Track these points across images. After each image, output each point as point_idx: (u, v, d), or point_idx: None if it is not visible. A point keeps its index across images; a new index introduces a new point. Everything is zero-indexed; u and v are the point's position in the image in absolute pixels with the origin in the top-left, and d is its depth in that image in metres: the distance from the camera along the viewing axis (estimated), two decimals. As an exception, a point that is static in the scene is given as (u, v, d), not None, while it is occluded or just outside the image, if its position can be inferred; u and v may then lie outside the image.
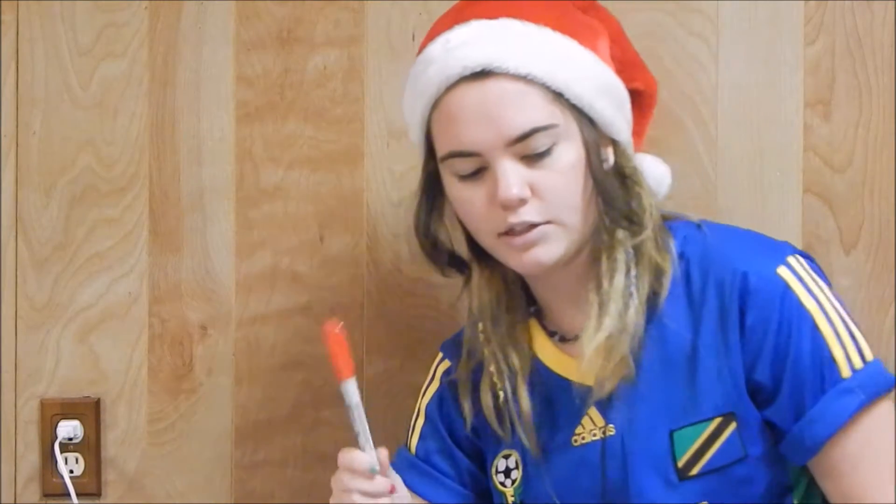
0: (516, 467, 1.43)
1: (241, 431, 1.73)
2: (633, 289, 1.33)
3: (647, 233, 1.33)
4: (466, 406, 1.44)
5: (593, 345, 1.31)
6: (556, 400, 1.39)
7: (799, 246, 1.65)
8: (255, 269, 1.72)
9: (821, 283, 1.34)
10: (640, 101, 1.44)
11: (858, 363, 1.31)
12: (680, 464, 1.33)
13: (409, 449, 1.50)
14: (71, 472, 1.71)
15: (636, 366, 1.33)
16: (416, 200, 1.39)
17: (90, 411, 1.72)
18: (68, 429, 1.70)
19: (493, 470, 1.45)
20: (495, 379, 1.40)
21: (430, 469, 1.47)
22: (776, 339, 1.30)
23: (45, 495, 1.73)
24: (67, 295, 1.72)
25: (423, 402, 1.50)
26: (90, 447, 1.72)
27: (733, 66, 1.66)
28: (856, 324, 1.34)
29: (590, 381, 1.34)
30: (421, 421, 1.50)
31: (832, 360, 1.30)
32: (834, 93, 1.65)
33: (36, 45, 1.71)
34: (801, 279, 1.32)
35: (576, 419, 1.37)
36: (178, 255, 1.72)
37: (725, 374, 1.32)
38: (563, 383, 1.38)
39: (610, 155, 1.36)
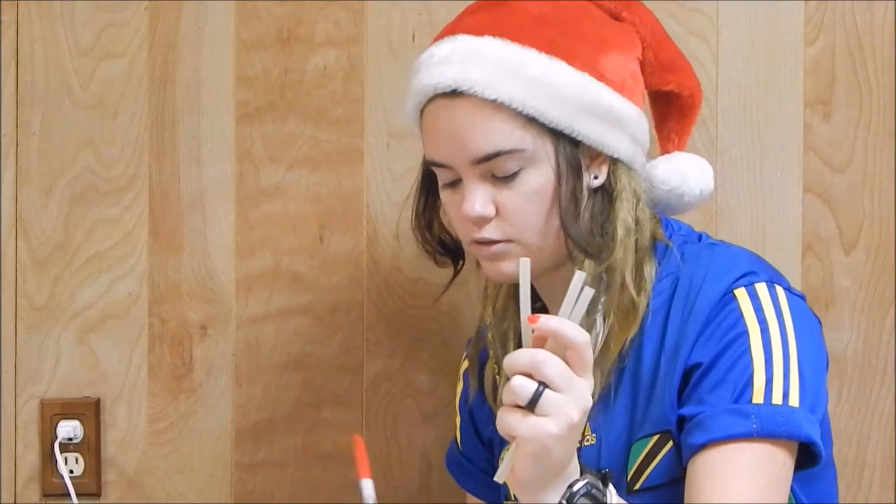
0: None
1: (241, 431, 1.72)
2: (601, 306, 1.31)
3: (615, 259, 1.31)
4: (473, 384, 1.48)
5: None
6: None
7: (799, 246, 1.65)
8: (255, 269, 1.72)
9: (786, 317, 1.27)
10: (679, 102, 1.42)
11: (777, 400, 1.23)
12: (629, 477, 1.31)
13: (457, 445, 1.56)
14: (71, 472, 1.71)
15: (617, 378, 1.32)
16: (415, 185, 1.42)
17: (90, 411, 1.71)
18: (68, 429, 1.70)
19: (499, 461, 1.46)
20: (493, 364, 1.43)
21: (468, 464, 1.52)
22: (714, 343, 1.26)
23: (45, 495, 1.73)
24: (67, 295, 1.72)
25: (456, 401, 1.54)
26: (90, 447, 1.72)
27: (733, 66, 1.66)
28: (805, 371, 1.26)
29: None
30: (458, 419, 1.54)
31: (749, 382, 1.24)
32: (834, 93, 1.65)
33: (36, 45, 1.71)
34: (755, 301, 1.28)
35: None
36: (178, 255, 1.72)
37: (666, 390, 1.29)
38: None
39: (603, 172, 1.33)
